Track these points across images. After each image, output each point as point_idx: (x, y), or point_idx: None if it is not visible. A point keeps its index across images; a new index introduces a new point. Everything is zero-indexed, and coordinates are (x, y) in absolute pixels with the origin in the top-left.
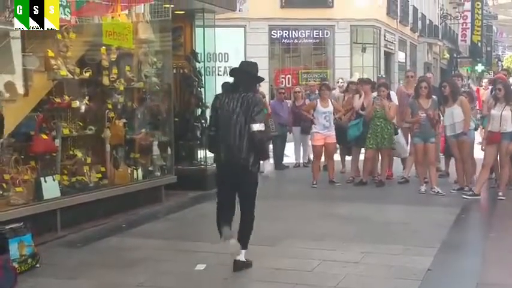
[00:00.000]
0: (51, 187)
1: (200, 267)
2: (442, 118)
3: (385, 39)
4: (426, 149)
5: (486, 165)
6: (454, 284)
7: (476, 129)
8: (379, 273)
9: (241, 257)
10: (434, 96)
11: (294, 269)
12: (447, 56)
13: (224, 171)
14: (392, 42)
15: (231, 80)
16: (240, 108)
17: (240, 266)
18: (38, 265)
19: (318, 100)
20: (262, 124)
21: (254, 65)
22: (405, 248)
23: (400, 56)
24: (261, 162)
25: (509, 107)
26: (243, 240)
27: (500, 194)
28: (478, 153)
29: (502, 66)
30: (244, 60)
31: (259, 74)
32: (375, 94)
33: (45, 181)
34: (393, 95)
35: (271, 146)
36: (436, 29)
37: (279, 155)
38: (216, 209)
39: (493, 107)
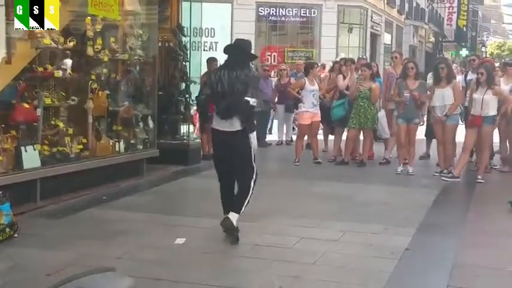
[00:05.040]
0: (31, 157)
1: (180, 241)
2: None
3: (371, 21)
4: (409, 129)
5: (466, 148)
6: (430, 263)
7: (462, 114)
8: (358, 251)
9: (232, 217)
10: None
11: (273, 245)
12: (432, 39)
13: (219, 140)
14: (378, 24)
15: (216, 55)
16: (237, 83)
17: (228, 224)
18: (16, 235)
19: (306, 79)
20: (254, 99)
21: (249, 43)
22: (384, 227)
23: (386, 38)
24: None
25: (491, 91)
26: (236, 204)
27: (479, 177)
28: (458, 137)
29: (486, 53)
30: (235, 37)
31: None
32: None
33: (26, 150)
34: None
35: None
36: (423, 12)
37: (261, 132)
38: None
39: (475, 91)
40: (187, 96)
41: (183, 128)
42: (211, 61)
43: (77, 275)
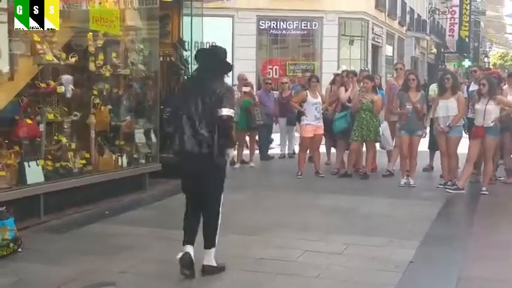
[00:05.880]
0: (34, 172)
1: None
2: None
3: (373, 33)
4: (411, 141)
5: (470, 159)
6: (435, 276)
7: (465, 126)
8: (362, 264)
9: (210, 259)
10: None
11: (277, 258)
12: (434, 50)
13: (187, 163)
14: (380, 36)
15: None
16: (209, 99)
17: (209, 271)
18: (20, 250)
19: (308, 91)
20: (232, 110)
21: (225, 51)
22: (388, 240)
23: (388, 50)
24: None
25: (493, 102)
26: (209, 238)
27: (483, 189)
28: (461, 148)
29: (489, 63)
30: (236, 50)
31: (248, 64)
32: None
33: (29, 166)
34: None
35: (257, 137)
36: (424, 24)
37: (264, 146)
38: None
39: (477, 102)
40: None
41: None
42: None
43: None
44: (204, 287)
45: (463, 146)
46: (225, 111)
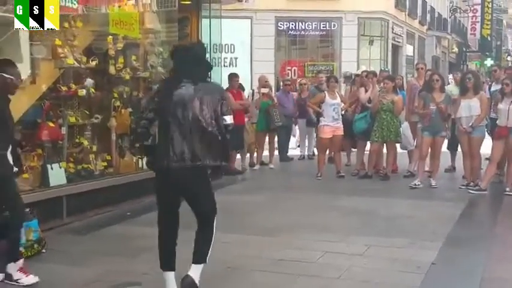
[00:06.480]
0: (57, 174)
1: None
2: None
3: (393, 32)
4: (435, 142)
5: (493, 160)
6: (458, 278)
7: (487, 126)
8: (383, 265)
9: (197, 275)
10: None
11: (297, 260)
12: (456, 49)
13: (167, 179)
14: (400, 35)
15: (236, 70)
16: (197, 100)
17: (188, 284)
18: (44, 250)
19: (326, 92)
20: (231, 116)
21: (205, 49)
22: (410, 241)
23: (408, 49)
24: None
25: None
26: (200, 252)
27: (507, 189)
28: (484, 149)
29: None
30: (255, 52)
31: (266, 65)
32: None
33: (52, 168)
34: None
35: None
36: (445, 23)
37: (283, 147)
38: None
39: (500, 102)
40: None
41: None
42: (232, 77)
43: None
44: (222, 286)
45: (486, 147)
46: (229, 119)
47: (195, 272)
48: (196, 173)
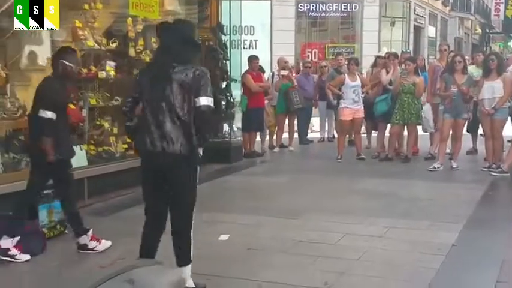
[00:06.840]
0: (78, 156)
1: (224, 237)
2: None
3: (415, 13)
4: (457, 124)
5: None
6: (479, 259)
7: (510, 108)
8: (403, 247)
9: (185, 276)
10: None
11: (316, 241)
12: (479, 31)
13: (150, 164)
14: (422, 16)
15: (256, 52)
16: (175, 83)
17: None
18: (66, 231)
19: (346, 74)
20: (211, 99)
21: (191, 27)
22: (430, 223)
23: (430, 31)
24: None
25: None
26: (182, 252)
27: None
28: (506, 131)
29: None
30: (275, 34)
31: (287, 47)
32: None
33: None
34: None
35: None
36: (469, 3)
37: (303, 130)
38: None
39: None
40: (228, 94)
41: (225, 126)
42: (252, 59)
43: (128, 266)
44: (242, 267)
45: (509, 129)
46: (204, 101)
47: (184, 274)
48: (174, 160)
